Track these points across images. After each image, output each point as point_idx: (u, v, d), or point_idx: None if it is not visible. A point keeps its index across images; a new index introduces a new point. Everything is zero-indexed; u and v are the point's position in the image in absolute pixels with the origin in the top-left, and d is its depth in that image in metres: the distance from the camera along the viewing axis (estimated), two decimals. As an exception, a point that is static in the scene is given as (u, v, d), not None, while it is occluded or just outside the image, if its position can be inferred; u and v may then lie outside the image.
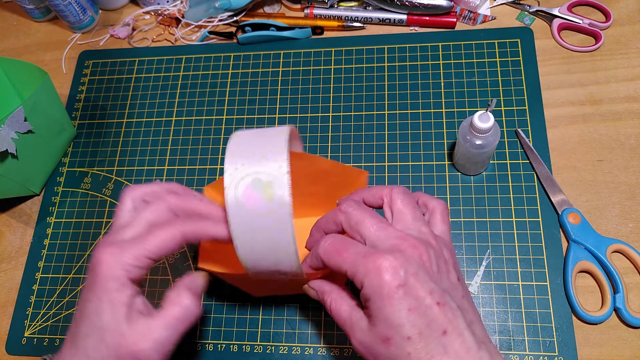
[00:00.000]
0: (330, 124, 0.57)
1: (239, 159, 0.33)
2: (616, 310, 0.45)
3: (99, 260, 0.33)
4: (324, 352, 0.47)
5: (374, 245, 0.32)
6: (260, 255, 0.34)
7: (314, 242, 0.37)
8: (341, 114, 0.57)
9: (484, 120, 0.44)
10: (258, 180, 0.32)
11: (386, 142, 0.55)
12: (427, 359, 0.29)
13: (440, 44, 0.59)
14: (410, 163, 0.54)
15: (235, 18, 0.64)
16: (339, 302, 0.34)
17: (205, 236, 0.36)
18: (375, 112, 0.57)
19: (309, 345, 0.48)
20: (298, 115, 0.58)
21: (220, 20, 0.64)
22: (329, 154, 0.55)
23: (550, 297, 0.47)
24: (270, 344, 0.48)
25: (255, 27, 0.62)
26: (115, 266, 0.33)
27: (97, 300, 0.33)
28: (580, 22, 0.57)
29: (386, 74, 0.59)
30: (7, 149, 0.50)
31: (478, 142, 0.46)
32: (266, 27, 0.62)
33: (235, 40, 0.64)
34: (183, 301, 0.35)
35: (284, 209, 0.32)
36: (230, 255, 0.36)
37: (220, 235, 0.36)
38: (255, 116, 0.59)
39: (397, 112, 0.57)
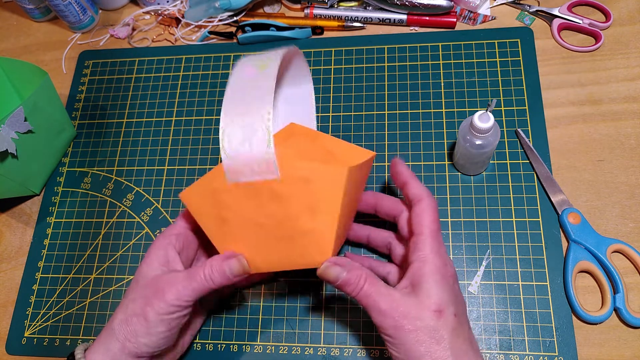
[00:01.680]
0: (330, 124, 0.57)
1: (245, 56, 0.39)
2: (616, 310, 0.45)
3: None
4: (324, 352, 0.47)
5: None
6: (240, 99, 0.36)
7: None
8: (341, 114, 0.57)
9: (484, 120, 0.44)
10: (257, 59, 0.38)
11: (386, 142, 0.55)
12: (465, 336, 0.36)
13: (440, 44, 0.59)
14: (410, 163, 0.54)
15: (235, 18, 0.64)
16: (375, 281, 0.37)
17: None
18: (375, 112, 0.57)
19: (309, 345, 0.48)
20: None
21: (220, 20, 0.64)
22: (329, 154, 0.55)
23: (550, 297, 0.47)
24: (270, 344, 0.48)
25: (255, 27, 0.62)
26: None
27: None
28: (580, 22, 0.57)
29: (386, 74, 0.59)
30: (7, 149, 0.50)
31: (478, 142, 0.46)
32: (266, 27, 0.62)
33: (235, 40, 0.64)
34: (205, 271, 0.38)
35: (270, 78, 0.36)
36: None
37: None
38: (255, 116, 0.59)
39: (397, 112, 0.57)
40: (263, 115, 0.35)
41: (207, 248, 0.46)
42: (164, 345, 0.39)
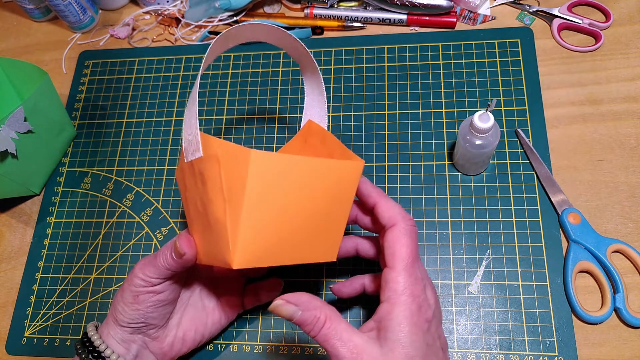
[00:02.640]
0: (330, 124, 0.57)
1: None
2: (616, 310, 0.45)
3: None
4: (323, 352, 0.47)
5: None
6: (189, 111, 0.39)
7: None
8: (341, 114, 0.57)
9: (484, 120, 0.44)
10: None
11: (386, 142, 0.55)
12: None
13: (440, 44, 0.59)
14: (410, 163, 0.54)
15: (235, 18, 0.64)
16: (335, 322, 0.33)
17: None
18: (375, 112, 0.57)
19: (309, 345, 0.48)
20: (298, 115, 0.58)
21: (220, 20, 0.64)
22: (329, 154, 0.55)
23: (550, 297, 0.47)
24: (270, 344, 0.48)
25: (255, 27, 0.62)
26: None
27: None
28: (580, 22, 0.57)
29: (386, 74, 0.59)
30: (7, 149, 0.50)
31: (478, 142, 0.46)
32: (266, 27, 0.62)
33: (235, 40, 0.64)
34: (162, 251, 0.40)
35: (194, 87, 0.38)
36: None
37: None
38: (255, 116, 0.59)
39: (397, 112, 0.57)
40: (193, 94, 0.39)
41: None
42: (138, 318, 0.41)
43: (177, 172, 0.41)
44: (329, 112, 0.58)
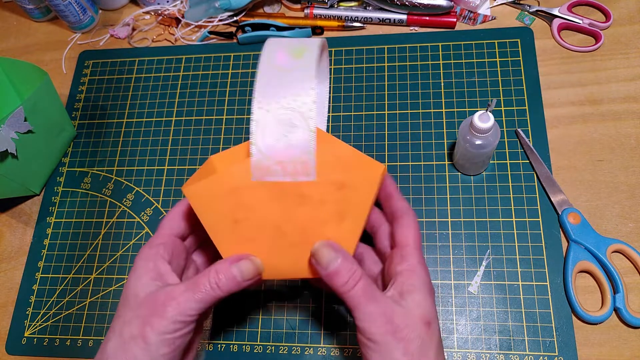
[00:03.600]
0: (330, 124, 0.57)
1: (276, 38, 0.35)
2: (616, 310, 0.45)
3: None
4: (324, 352, 0.47)
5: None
6: (275, 92, 0.32)
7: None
8: (341, 114, 0.57)
9: (484, 120, 0.44)
10: (291, 46, 0.34)
11: (386, 142, 0.55)
12: (443, 352, 0.35)
13: (440, 44, 0.59)
14: (410, 163, 0.54)
15: (235, 18, 0.64)
16: (369, 283, 0.34)
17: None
18: (375, 112, 0.57)
19: (309, 345, 0.48)
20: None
21: (220, 20, 0.64)
22: (329, 154, 0.55)
23: (550, 297, 0.47)
24: (270, 344, 0.48)
25: (255, 27, 0.62)
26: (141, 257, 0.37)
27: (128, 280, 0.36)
28: (580, 22, 0.57)
29: (386, 74, 0.59)
30: (7, 149, 0.50)
31: (478, 142, 0.46)
32: (266, 27, 0.62)
33: (235, 40, 0.64)
34: (210, 278, 0.34)
35: (310, 61, 0.33)
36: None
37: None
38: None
39: (397, 112, 0.57)
40: (304, 111, 0.32)
41: (200, 254, 0.42)
42: None
43: (217, 189, 0.34)
44: (329, 112, 0.58)
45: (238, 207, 0.34)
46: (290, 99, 0.32)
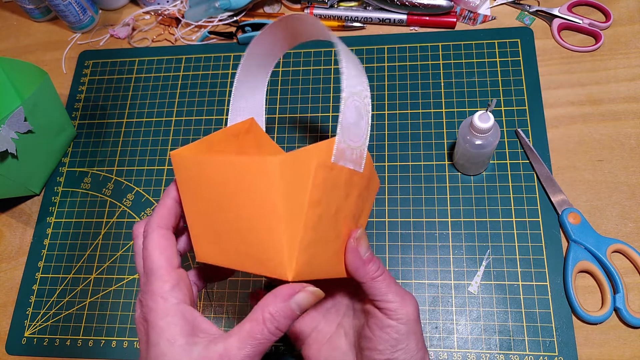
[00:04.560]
0: (330, 124, 0.57)
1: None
2: (616, 310, 0.45)
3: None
4: (324, 352, 0.47)
5: None
6: (356, 76, 0.34)
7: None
8: (341, 114, 0.57)
9: (484, 120, 0.44)
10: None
11: (386, 142, 0.55)
12: None
13: (440, 44, 0.59)
14: (410, 163, 0.54)
15: (235, 18, 0.64)
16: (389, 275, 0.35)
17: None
18: (375, 112, 0.57)
19: (309, 345, 0.48)
20: (298, 115, 0.58)
21: (220, 20, 0.64)
22: (329, 154, 0.55)
23: (550, 297, 0.47)
24: (270, 344, 0.48)
25: (255, 27, 0.62)
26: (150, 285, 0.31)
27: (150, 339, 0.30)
28: (580, 22, 0.57)
29: (386, 74, 0.59)
30: (7, 149, 0.50)
31: (478, 142, 0.46)
32: (266, 27, 0.62)
33: (235, 40, 0.64)
34: (267, 324, 0.29)
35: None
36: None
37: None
38: (255, 116, 0.59)
39: (397, 112, 0.57)
40: (367, 103, 0.34)
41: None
42: None
43: (302, 165, 0.29)
44: (329, 112, 0.58)
45: (315, 189, 0.30)
46: (361, 90, 0.34)
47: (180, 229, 0.36)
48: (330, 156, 0.31)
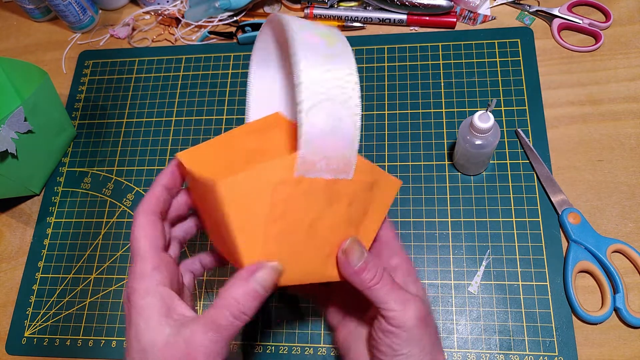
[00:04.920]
0: (330, 124, 0.57)
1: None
2: (616, 310, 0.45)
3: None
4: (324, 352, 0.47)
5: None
6: (320, 76, 0.29)
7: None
8: (341, 114, 0.57)
9: (484, 120, 0.44)
10: (317, 28, 0.32)
11: (386, 142, 0.55)
12: None
13: (440, 44, 0.59)
14: (410, 163, 0.54)
15: (235, 18, 0.64)
16: (391, 278, 0.34)
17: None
18: (375, 112, 0.57)
19: (309, 345, 0.48)
20: (298, 115, 0.58)
21: (220, 20, 0.64)
22: (329, 154, 0.55)
23: (550, 297, 0.47)
24: (270, 343, 0.48)
25: (255, 27, 0.62)
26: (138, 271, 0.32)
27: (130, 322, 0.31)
28: (580, 22, 0.57)
29: (386, 74, 0.59)
30: (7, 149, 0.50)
31: (478, 142, 0.46)
32: (266, 27, 0.62)
33: (235, 40, 0.64)
34: (231, 308, 0.30)
35: (346, 53, 0.31)
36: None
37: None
38: (255, 116, 0.59)
39: (397, 112, 0.57)
40: (350, 105, 0.30)
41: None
42: None
43: (254, 183, 0.30)
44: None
45: (274, 206, 0.30)
46: (336, 92, 0.29)
47: (184, 215, 0.38)
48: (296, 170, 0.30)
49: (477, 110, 0.45)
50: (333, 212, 0.32)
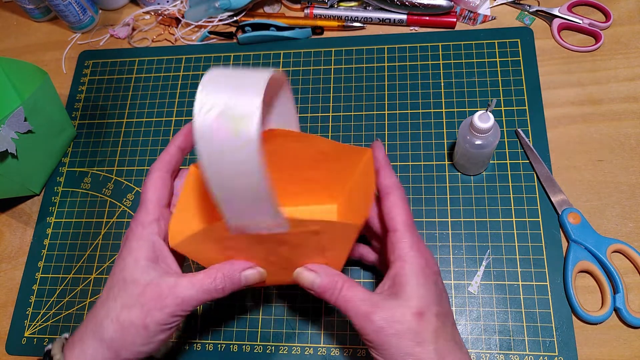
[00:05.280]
0: (330, 124, 0.57)
1: (212, 86, 0.31)
2: (616, 310, 0.45)
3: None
4: (323, 352, 0.47)
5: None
6: (233, 193, 0.31)
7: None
8: (341, 114, 0.57)
9: (484, 120, 0.44)
10: (229, 110, 0.30)
11: (386, 142, 0.55)
12: (448, 336, 0.34)
13: (440, 44, 0.59)
14: (410, 163, 0.54)
15: (235, 18, 0.64)
16: (353, 285, 0.36)
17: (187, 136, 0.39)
18: (375, 112, 0.57)
19: (309, 345, 0.48)
20: (298, 115, 0.58)
21: (220, 20, 0.64)
22: (329, 154, 0.55)
23: (550, 297, 0.47)
24: (270, 344, 0.48)
25: (255, 27, 0.62)
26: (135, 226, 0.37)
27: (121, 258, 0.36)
28: (580, 22, 0.57)
29: (386, 74, 0.59)
30: (7, 149, 0.50)
31: (478, 142, 0.46)
32: (266, 27, 0.62)
33: (235, 40, 0.64)
34: (217, 279, 0.36)
35: (251, 146, 0.29)
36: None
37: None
38: (255, 116, 0.59)
39: (397, 112, 0.57)
40: (260, 191, 0.31)
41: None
42: (161, 347, 0.38)
43: (203, 239, 0.36)
44: (328, 112, 0.58)
45: (226, 250, 0.37)
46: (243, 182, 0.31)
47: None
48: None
49: (477, 110, 0.45)
50: (285, 250, 0.36)
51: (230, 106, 0.30)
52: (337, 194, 0.44)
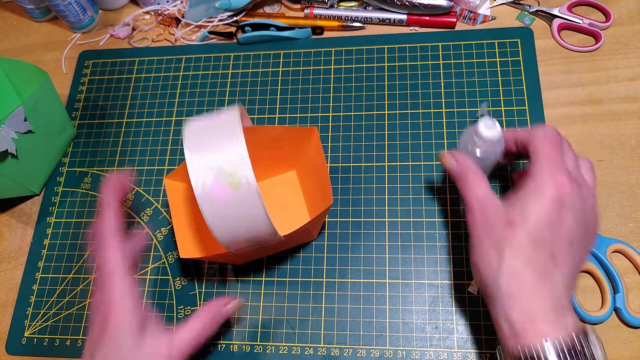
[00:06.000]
0: (330, 124, 0.57)
1: (198, 153, 0.36)
2: (616, 310, 0.45)
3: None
4: (323, 352, 0.47)
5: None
6: (239, 236, 0.38)
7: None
8: (341, 114, 0.57)
9: (489, 128, 0.42)
10: (221, 171, 0.35)
11: (386, 142, 0.55)
12: (526, 259, 0.35)
13: (440, 44, 0.59)
14: (410, 163, 0.54)
15: (235, 18, 0.64)
16: (480, 179, 0.40)
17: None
18: (375, 112, 0.57)
19: (309, 345, 0.48)
20: (298, 115, 0.58)
21: (220, 20, 0.64)
22: (329, 154, 0.55)
23: (550, 297, 0.46)
24: (270, 344, 0.48)
25: (255, 27, 0.62)
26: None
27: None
28: (580, 22, 0.57)
29: (386, 74, 0.59)
30: (7, 149, 0.50)
31: (479, 153, 0.44)
32: (266, 27, 0.62)
33: (235, 40, 0.64)
34: (197, 323, 0.40)
35: (252, 193, 0.35)
36: (208, 237, 0.45)
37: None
38: (256, 116, 0.59)
39: (397, 112, 0.57)
40: (261, 233, 0.39)
41: None
42: None
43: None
44: (328, 112, 0.58)
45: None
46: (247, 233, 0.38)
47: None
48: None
49: (477, 110, 0.45)
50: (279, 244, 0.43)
51: (221, 168, 0.35)
52: (293, 163, 0.52)
